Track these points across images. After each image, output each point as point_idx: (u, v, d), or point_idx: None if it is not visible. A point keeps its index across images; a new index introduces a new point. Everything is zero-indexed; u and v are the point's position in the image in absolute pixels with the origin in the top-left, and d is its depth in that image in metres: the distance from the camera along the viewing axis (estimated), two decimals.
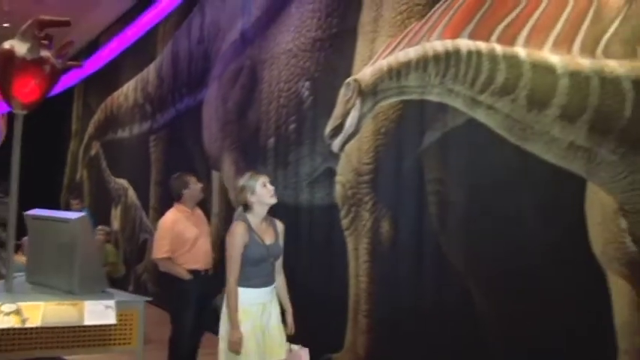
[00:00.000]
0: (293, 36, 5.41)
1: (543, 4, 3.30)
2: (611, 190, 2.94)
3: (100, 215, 9.05)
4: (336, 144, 4.71)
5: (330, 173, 4.82)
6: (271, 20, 5.80)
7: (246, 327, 3.37)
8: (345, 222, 4.62)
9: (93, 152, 10.88)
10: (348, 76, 4.60)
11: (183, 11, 7.79)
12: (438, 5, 3.96)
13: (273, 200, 3.51)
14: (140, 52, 8.90)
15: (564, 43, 3.15)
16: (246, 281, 3.43)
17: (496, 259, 3.51)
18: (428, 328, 3.90)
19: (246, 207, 3.51)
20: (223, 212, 6.46)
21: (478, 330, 3.58)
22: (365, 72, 4.45)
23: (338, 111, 4.67)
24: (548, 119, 3.19)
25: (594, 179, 3.01)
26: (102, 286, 3.55)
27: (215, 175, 6.71)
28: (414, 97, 4.05)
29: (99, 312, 3.23)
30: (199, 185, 4.82)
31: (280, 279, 3.67)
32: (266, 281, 3.52)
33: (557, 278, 3.19)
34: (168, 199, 5.11)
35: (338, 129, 4.66)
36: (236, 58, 6.41)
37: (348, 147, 4.63)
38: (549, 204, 3.26)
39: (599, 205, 3.00)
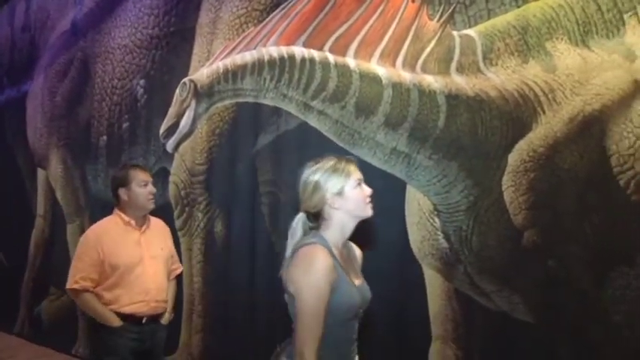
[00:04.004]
0: (129, 31, 5.27)
1: (371, 21, 3.51)
2: (427, 192, 3.21)
3: None
4: (170, 144, 4.65)
5: (164, 173, 4.76)
6: (106, 13, 5.59)
7: None
8: (178, 222, 4.58)
9: None
10: (184, 75, 4.56)
11: None
12: (275, 12, 4.06)
13: (370, 211, 2.13)
14: None
15: (389, 57, 3.39)
16: (329, 355, 1.93)
17: None
18: (261, 327, 3.99)
19: (316, 219, 2.09)
20: (49, 214, 6.12)
21: None
22: (201, 73, 4.44)
23: (173, 111, 4.61)
24: (374, 126, 3.40)
25: (413, 182, 3.28)
26: None
27: (41, 173, 6.32)
28: (249, 100, 4.11)
29: None
30: (146, 190, 3.28)
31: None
32: (353, 350, 2.07)
33: (381, 273, 3.43)
34: None
35: (172, 129, 4.60)
36: (66, 49, 6.08)
37: (182, 147, 4.60)
38: (374, 204, 3.50)
39: (417, 205, 3.26)
